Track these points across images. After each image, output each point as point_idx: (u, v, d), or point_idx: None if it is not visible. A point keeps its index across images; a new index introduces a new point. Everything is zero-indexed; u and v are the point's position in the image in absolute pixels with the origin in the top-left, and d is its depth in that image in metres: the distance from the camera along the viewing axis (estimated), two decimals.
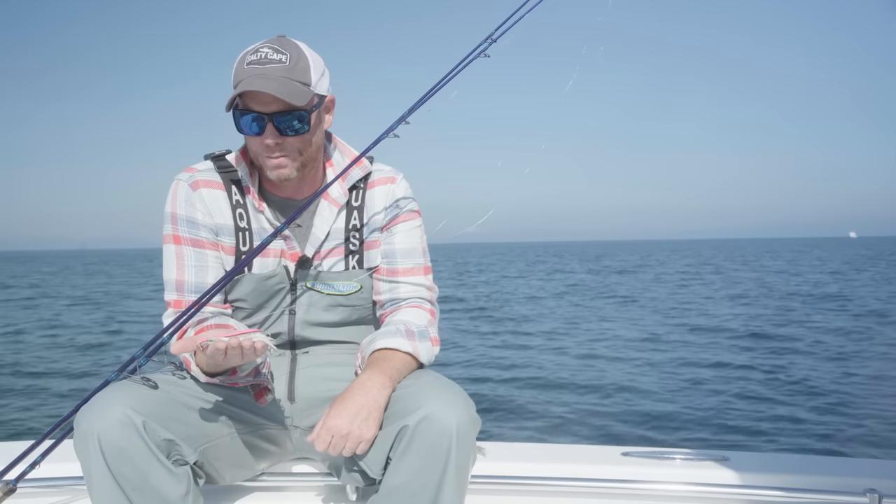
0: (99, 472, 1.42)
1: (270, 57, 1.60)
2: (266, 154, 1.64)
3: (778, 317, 15.80)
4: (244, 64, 1.61)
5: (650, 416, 7.25)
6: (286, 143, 1.63)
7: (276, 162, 1.64)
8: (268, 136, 1.61)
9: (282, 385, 1.74)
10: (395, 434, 1.48)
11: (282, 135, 1.62)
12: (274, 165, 1.65)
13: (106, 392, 1.48)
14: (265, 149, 1.63)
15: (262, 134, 1.62)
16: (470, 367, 10.02)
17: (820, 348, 11.50)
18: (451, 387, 1.54)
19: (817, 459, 2.04)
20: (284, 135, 1.62)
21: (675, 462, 1.91)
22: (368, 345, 1.67)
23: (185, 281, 1.70)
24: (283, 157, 1.65)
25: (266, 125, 1.61)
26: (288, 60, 1.61)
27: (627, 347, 11.93)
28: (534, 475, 1.85)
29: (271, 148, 1.63)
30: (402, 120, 1.80)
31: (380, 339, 1.65)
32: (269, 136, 1.61)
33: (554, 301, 20.72)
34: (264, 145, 1.63)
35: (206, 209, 1.72)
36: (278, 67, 1.60)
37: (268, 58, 1.60)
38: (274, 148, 1.63)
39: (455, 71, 1.90)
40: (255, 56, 1.61)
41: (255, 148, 1.66)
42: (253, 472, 1.77)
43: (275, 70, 1.59)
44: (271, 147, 1.63)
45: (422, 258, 1.81)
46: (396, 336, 1.65)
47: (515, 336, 13.55)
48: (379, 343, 1.64)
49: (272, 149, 1.63)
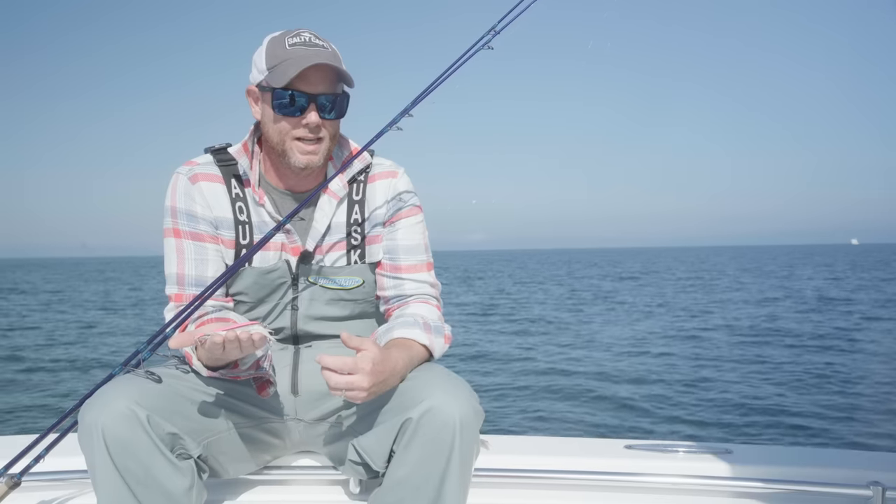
0: (103, 466, 1.43)
1: (315, 42, 1.63)
2: (300, 137, 1.64)
3: (791, 316, 15.80)
4: (286, 45, 1.61)
5: (654, 408, 7.25)
6: (324, 126, 1.65)
7: (309, 147, 1.65)
8: (311, 119, 1.62)
9: (285, 379, 1.74)
10: (399, 426, 1.48)
11: (322, 117, 1.63)
12: (307, 151, 1.65)
13: (110, 386, 1.48)
14: (303, 131, 1.64)
15: (302, 115, 1.62)
16: (476, 360, 10.04)
17: (827, 344, 11.49)
18: (454, 379, 1.54)
19: (821, 452, 2.04)
20: (325, 118, 1.64)
21: (679, 455, 1.91)
22: (385, 333, 1.66)
23: (185, 274, 1.70)
24: (317, 144, 1.66)
25: (309, 105, 1.62)
26: (329, 48, 1.64)
27: (644, 344, 11.93)
28: (537, 468, 1.85)
29: (311, 129, 1.63)
30: (406, 112, 1.79)
31: (398, 328, 1.65)
32: (312, 118, 1.62)
33: (572, 305, 20.73)
34: (303, 127, 1.63)
35: (205, 202, 1.72)
36: (325, 52, 1.62)
37: (313, 42, 1.63)
38: (314, 129, 1.64)
39: (458, 63, 1.89)
40: (297, 39, 1.62)
41: (288, 131, 1.65)
42: (256, 466, 1.77)
43: (325, 53, 1.61)
44: (311, 128, 1.63)
45: (424, 254, 1.81)
46: (414, 327, 1.65)
47: (522, 334, 13.55)
48: (398, 332, 1.64)
49: (312, 131, 1.64)
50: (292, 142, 1.65)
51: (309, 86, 1.61)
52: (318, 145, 1.66)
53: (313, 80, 1.60)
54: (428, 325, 1.67)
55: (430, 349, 1.65)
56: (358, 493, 1.76)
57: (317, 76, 1.60)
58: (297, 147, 1.65)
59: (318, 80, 1.61)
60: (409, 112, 1.79)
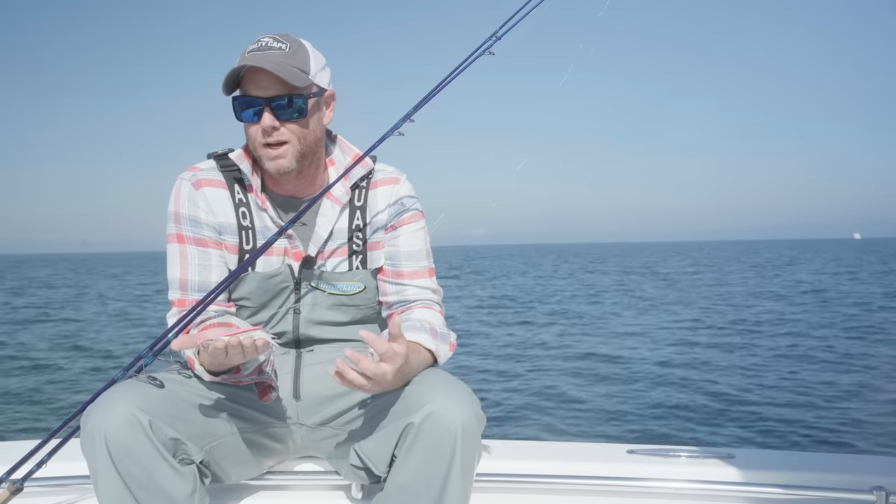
0: (105, 471, 1.43)
1: (271, 45, 1.63)
2: (263, 142, 1.65)
3: (797, 315, 15.76)
4: (245, 53, 1.63)
5: (656, 413, 7.24)
6: (283, 129, 1.64)
7: (274, 152, 1.65)
8: (265, 121, 1.62)
9: (287, 383, 1.74)
10: (401, 431, 1.48)
11: (278, 119, 1.63)
12: (272, 156, 1.65)
13: (112, 391, 1.48)
14: (262, 135, 1.64)
15: (260, 120, 1.63)
16: (484, 360, 10.03)
17: (829, 345, 11.47)
18: (456, 384, 1.54)
19: (824, 457, 2.04)
20: (281, 119, 1.63)
21: (681, 460, 1.90)
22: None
23: (188, 280, 1.70)
24: (281, 147, 1.65)
25: (263, 110, 1.62)
26: (287, 48, 1.63)
27: (644, 345, 11.91)
28: (539, 473, 1.85)
29: (268, 133, 1.63)
30: (407, 118, 1.79)
31: (405, 332, 1.64)
32: (265, 120, 1.62)
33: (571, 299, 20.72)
34: (261, 131, 1.64)
35: (208, 208, 1.72)
36: (277, 53, 1.62)
37: (268, 45, 1.63)
38: (270, 132, 1.63)
39: (460, 69, 1.89)
40: (255, 45, 1.64)
41: (254, 136, 1.66)
42: (258, 471, 1.77)
43: (274, 55, 1.61)
44: (268, 132, 1.63)
45: (426, 260, 1.81)
46: (421, 332, 1.65)
47: (525, 333, 13.54)
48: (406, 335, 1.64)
49: (269, 134, 1.63)
50: (262, 148, 1.66)
51: (260, 89, 1.62)
52: (284, 147, 1.65)
53: (263, 83, 1.61)
54: (434, 330, 1.67)
55: (436, 355, 1.65)
56: (360, 498, 1.76)
57: (267, 79, 1.60)
58: (265, 154, 1.66)
59: (269, 83, 1.61)
60: (411, 117, 1.80)
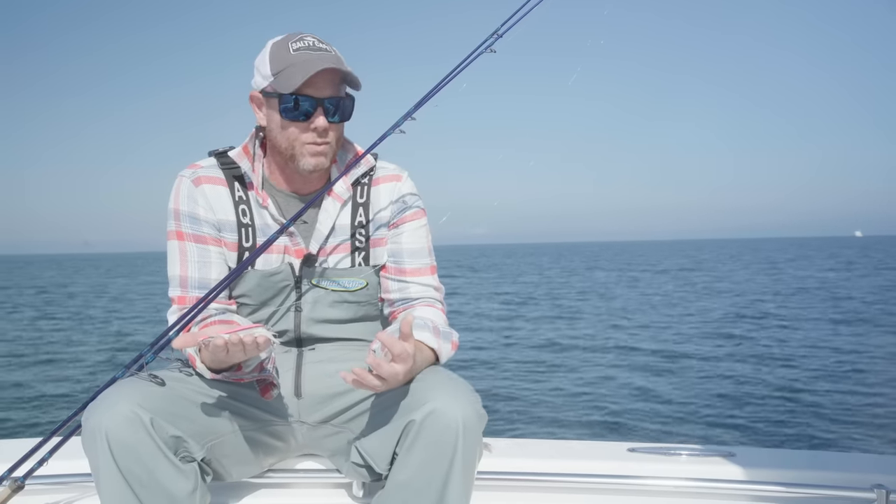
0: (107, 469, 1.43)
1: (319, 46, 1.64)
2: (310, 140, 1.65)
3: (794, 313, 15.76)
4: (290, 50, 1.63)
5: (657, 411, 7.24)
6: (330, 129, 1.66)
7: (318, 149, 1.66)
8: (319, 122, 1.63)
9: (288, 381, 1.74)
10: (402, 429, 1.48)
11: (329, 121, 1.65)
12: (315, 153, 1.66)
13: (113, 389, 1.48)
14: (311, 135, 1.65)
15: (308, 119, 1.64)
16: (481, 356, 10.04)
17: (830, 343, 11.47)
18: (457, 382, 1.54)
19: (824, 455, 2.04)
20: (331, 120, 1.65)
21: (682, 458, 1.90)
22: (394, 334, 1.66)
23: (188, 277, 1.71)
24: (325, 145, 1.67)
25: (316, 109, 1.63)
26: (333, 52, 1.66)
27: (641, 344, 11.91)
28: (540, 471, 1.85)
29: (319, 133, 1.65)
30: (408, 116, 1.79)
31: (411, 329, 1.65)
32: (320, 122, 1.63)
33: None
34: (310, 131, 1.65)
35: (208, 205, 1.72)
36: (329, 55, 1.63)
37: (317, 46, 1.64)
38: (322, 133, 1.65)
39: (461, 66, 1.89)
40: (301, 43, 1.63)
41: (297, 136, 1.66)
42: (260, 469, 1.77)
43: (329, 57, 1.63)
44: (319, 132, 1.65)
45: (428, 258, 1.81)
46: (424, 330, 1.64)
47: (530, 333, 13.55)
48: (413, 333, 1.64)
49: (320, 134, 1.65)
50: (302, 146, 1.66)
51: (315, 90, 1.62)
52: (325, 147, 1.68)
53: (320, 84, 1.62)
54: (437, 329, 1.67)
55: (438, 353, 1.65)
56: (361, 496, 1.76)
57: (323, 80, 1.62)
58: (307, 150, 1.66)
59: (325, 85, 1.62)
60: (412, 115, 1.80)
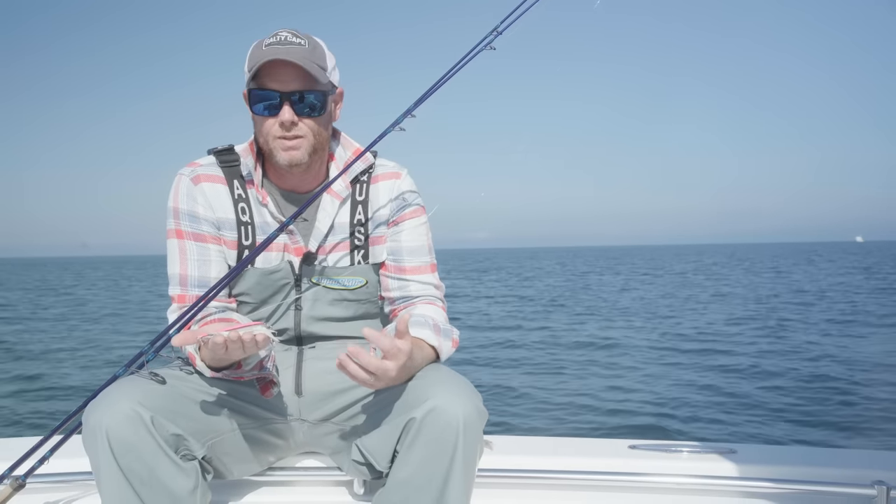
0: (107, 467, 1.43)
1: (291, 40, 1.63)
2: (279, 135, 1.65)
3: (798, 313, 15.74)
4: (262, 47, 1.62)
5: (658, 408, 7.24)
6: (301, 124, 1.65)
7: (289, 144, 1.65)
8: (284, 115, 1.62)
9: (289, 379, 1.74)
10: (403, 426, 1.48)
11: (298, 115, 1.63)
12: (286, 147, 1.65)
13: (114, 387, 1.48)
14: (279, 129, 1.64)
15: (278, 114, 1.63)
16: (481, 355, 10.05)
17: (829, 342, 11.47)
18: (458, 379, 1.54)
19: (825, 451, 2.04)
20: (300, 115, 1.64)
21: (683, 455, 1.91)
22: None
23: (188, 275, 1.71)
24: (297, 140, 1.65)
25: (283, 104, 1.62)
26: (307, 45, 1.64)
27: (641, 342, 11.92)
28: (540, 468, 1.85)
29: (286, 127, 1.63)
30: (408, 113, 1.79)
31: (409, 327, 1.64)
32: (285, 114, 1.62)
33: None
34: (279, 125, 1.64)
35: (207, 203, 1.72)
36: (298, 49, 1.62)
37: (288, 40, 1.63)
38: (289, 127, 1.63)
39: (461, 64, 1.88)
40: (273, 39, 1.63)
41: (268, 130, 1.66)
42: (260, 467, 1.78)
43: (295, 50, 1.61)
44: (286, 126, 1.63)
45: (428, 255, 1.81)
46: (424, 328, 1.65)
47: (528, 332, 13.56)
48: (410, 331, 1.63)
49: (287, 128, 1.64)
50: (275, 140, 1.66)
51: (280, 84, 1.62)
52: (297, 141, 1.66)
53: (284, 77, 1.61)
54: (438, 327, 1.68)
55: (438, 351, 1.65)
56: (362, 493, 1.76)
57: (288, 73, 1.61)
58: (278, 145, 1.66)
59: (290, 78, 1.61)
60: (412, 113, 1.79)
